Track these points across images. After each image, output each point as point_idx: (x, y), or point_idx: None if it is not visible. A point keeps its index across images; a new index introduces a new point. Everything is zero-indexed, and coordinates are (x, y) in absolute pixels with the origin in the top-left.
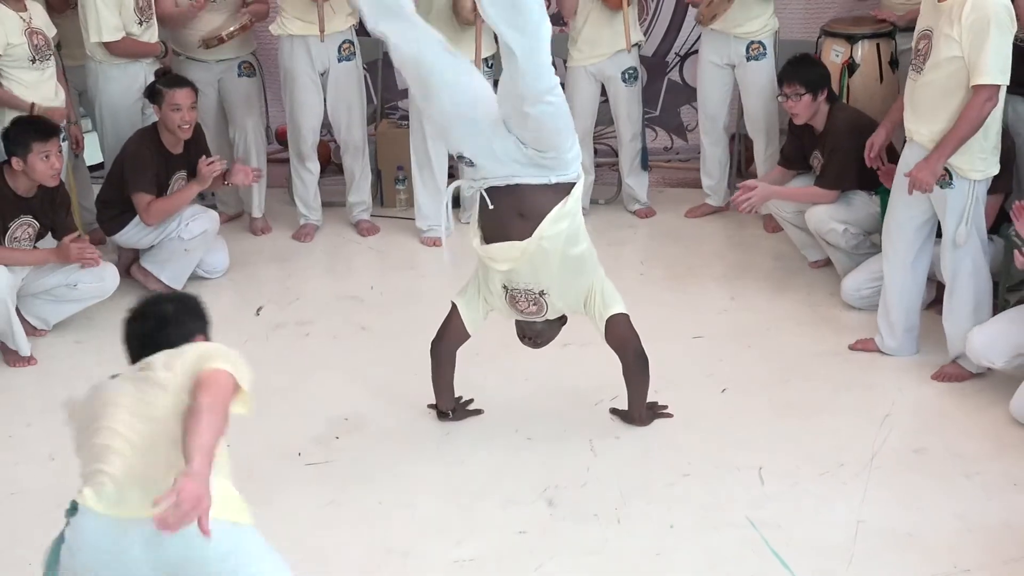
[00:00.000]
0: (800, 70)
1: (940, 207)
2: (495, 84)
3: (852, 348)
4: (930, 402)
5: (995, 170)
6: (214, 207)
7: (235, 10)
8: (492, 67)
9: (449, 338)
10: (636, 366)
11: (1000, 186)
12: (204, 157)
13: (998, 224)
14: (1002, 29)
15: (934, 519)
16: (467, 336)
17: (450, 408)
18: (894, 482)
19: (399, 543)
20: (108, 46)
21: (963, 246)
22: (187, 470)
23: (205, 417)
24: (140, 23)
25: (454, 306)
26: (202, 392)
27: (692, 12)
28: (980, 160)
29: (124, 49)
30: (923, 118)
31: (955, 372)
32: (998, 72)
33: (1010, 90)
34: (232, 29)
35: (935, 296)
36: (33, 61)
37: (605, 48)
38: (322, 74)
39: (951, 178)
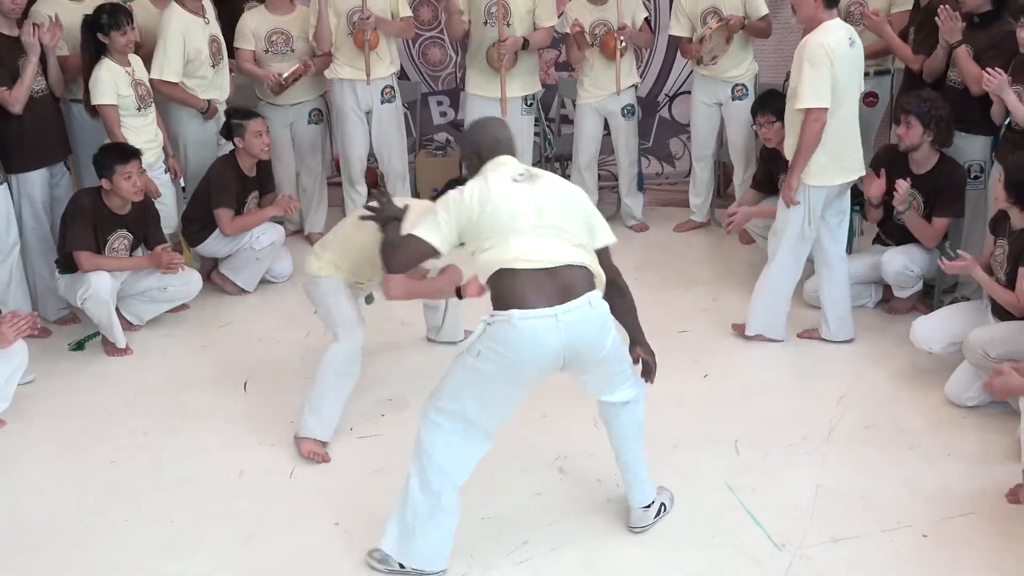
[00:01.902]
0: (770, 102)
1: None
2: (536, 121)
3: (800, 336)
4: (879, 386)
5: (837, 181)
6: (280, 223)
7: (301, 59)
8: (531, 105)
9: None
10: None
11: (953, 212)
12: (288, 196)
13: (942, 241)
14: (814, 63)
15: (883, 484)
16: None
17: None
18: (849, 453)
19: None
20: (157, 84)
21: (784, 237)
22: None
23: None
24: (213, 66)
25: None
26: None
27: (679, 59)
28: (815, 170)
29: (170, 92)
30: (789, 132)
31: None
32: (811, 97)
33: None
34: (286, 75)
35: (882, 296)
36: (139, 109)
37: (606, 88)
38: (367, 113)
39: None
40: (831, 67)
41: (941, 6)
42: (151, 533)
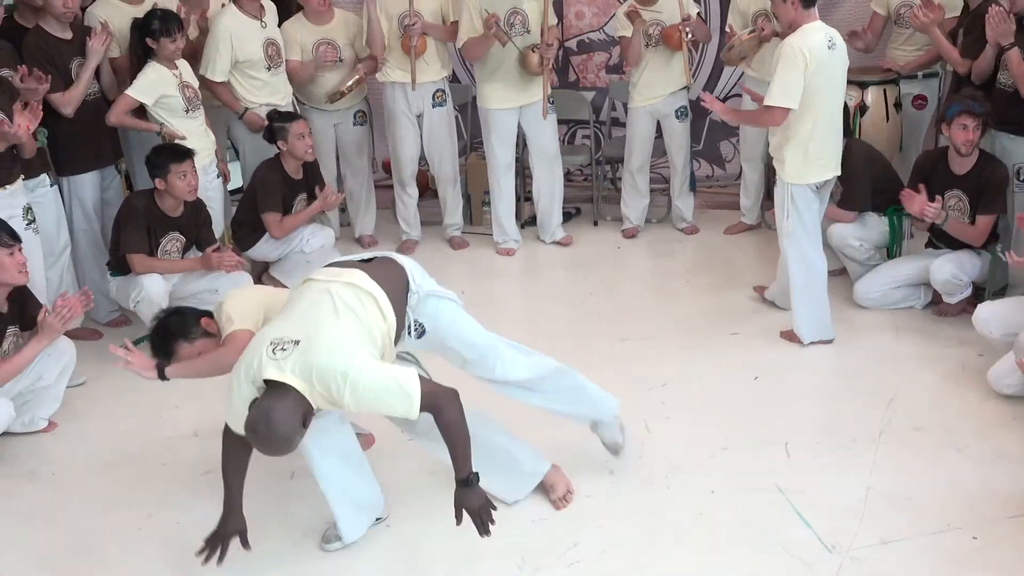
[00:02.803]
0: None
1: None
2: (566, 123)
3: (781, 337)
4: (928, 388)
5: (812, 179)
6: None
7: (351, 67)
8: (553, 103)
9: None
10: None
11: (996, 208)
12: (329, 188)
13: (988, 241)
14: (788, 64)
15: (932, 485)
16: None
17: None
18: (898, 454)
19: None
20: (205, 81)
21: (788, 236)
22: None
23: None
24: (268, 68)
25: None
26: None
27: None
28: (791, 168)
29: (216, 91)
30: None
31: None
32: (779, 96)
33: (997, 126)
34: (350, 83)
35: (931, 299)
36: (186, 111)
37: (660, 90)
38: (418, 116)
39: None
40: (805, 70)
41: (992, 7)
42: (203, 534)
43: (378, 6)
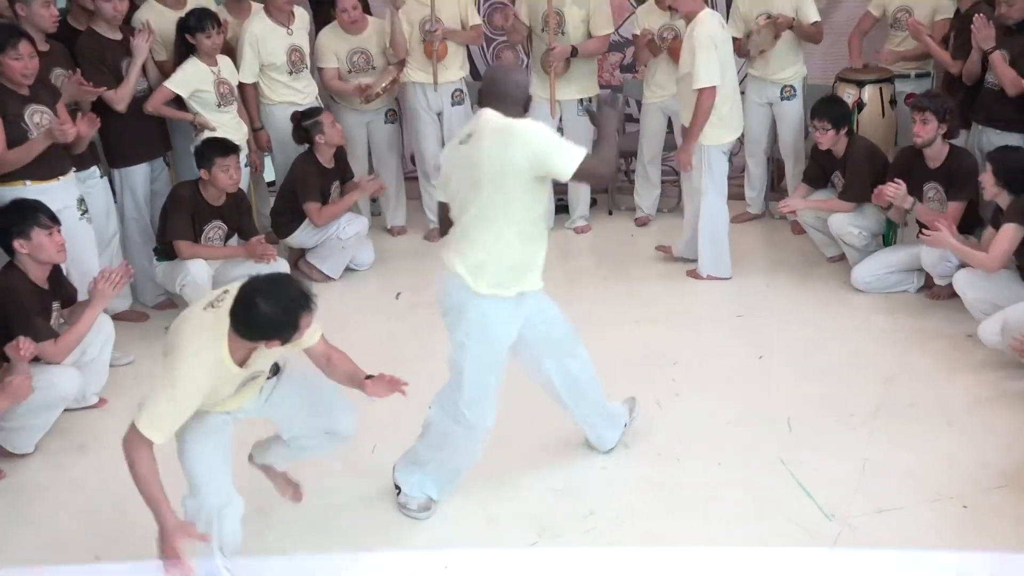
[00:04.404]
0: (827, 108)
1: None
2: (591, 118)
3: (688, 275)
4: (923, 366)
5: (726, 139)
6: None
7: (383, 70)
8: (588, 103)
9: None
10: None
11: (965, 195)
12: (364, 176)
13: (971, 226)
14: (704, 50)
15: (925, 458)
16: None
17: None
18: (894, 429)
19: (509, 476)
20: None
21: (703, 194)
22: None
23: None
24: (290, 73)
25: None
26: None
27: (736, 61)
28: (710, 133)
29: (246, 93)
30: (684, 107)
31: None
32: (705, 78)
33: (985, 122)
34: (385, 84)
35: (924, 283)
36: (219, 106)
37: (671, 88)
38: (438, 114)
39: None
40: (716, 51)
41: (976, 15)
42: (246, 502)
43: (400, 12)
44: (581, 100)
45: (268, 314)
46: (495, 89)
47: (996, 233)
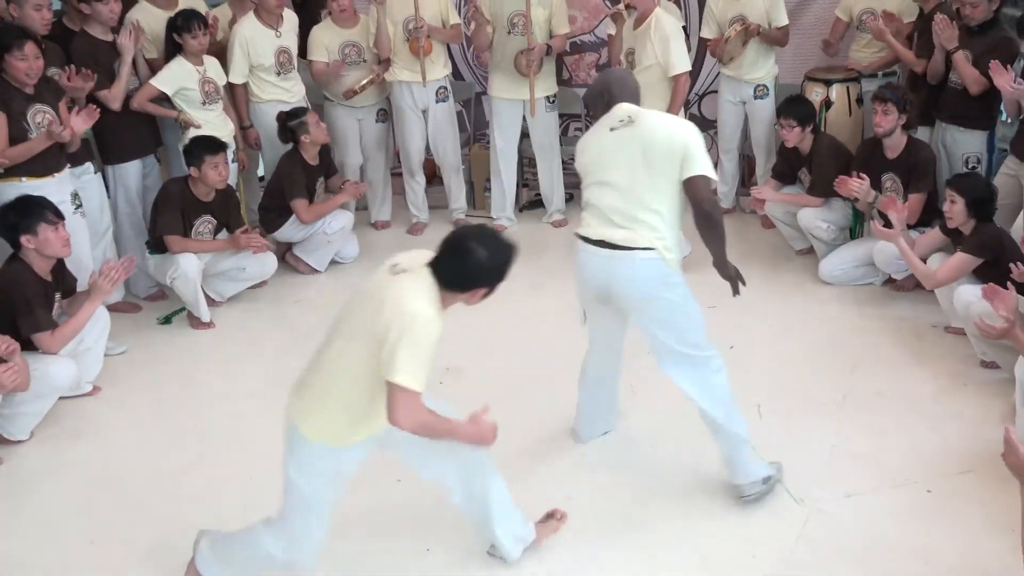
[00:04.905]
0: (793, 107)
1: None
2: (560, 116)
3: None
4: (889, 356)
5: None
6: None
7: (371, 68)
8: (554, 103)
9: None
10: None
11: (924, 187)
12: (354, 181)
13: (930, 218)
14: (676, 39)
15: (891, 444)
16: None
17: None
18: (861, 416)
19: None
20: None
21: None
22: None
23: None
24: (278, 74)
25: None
26: None
27: (708, 61)
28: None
29: (235, 92)
30: (647, 101)
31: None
32: (681, 64)
33: (949, 120)
34: (363, 82)
35: (888, 276)
36: (204, 103)
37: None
38: (423, 111)
39: None
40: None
41: (937, 15)
42: (235, 489)
43: (385, 12)
44: (548, 97)
45: (482, 258)
46: (626, 87)
47: (943, 238)
